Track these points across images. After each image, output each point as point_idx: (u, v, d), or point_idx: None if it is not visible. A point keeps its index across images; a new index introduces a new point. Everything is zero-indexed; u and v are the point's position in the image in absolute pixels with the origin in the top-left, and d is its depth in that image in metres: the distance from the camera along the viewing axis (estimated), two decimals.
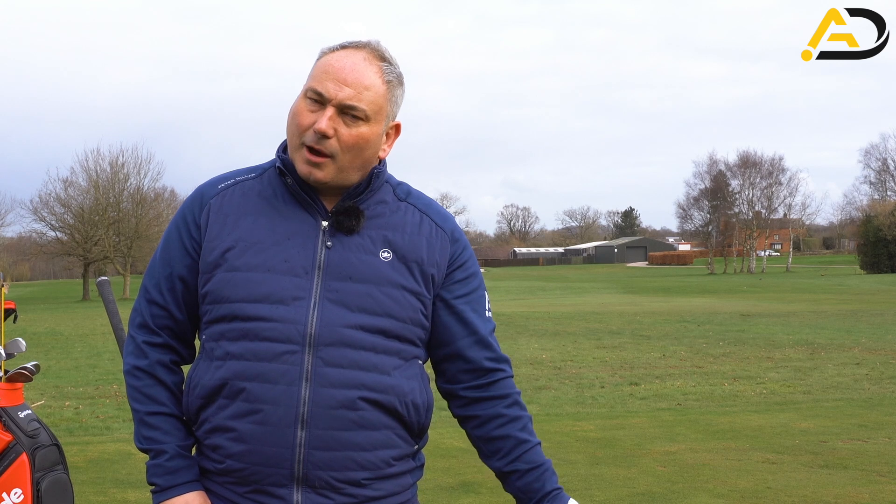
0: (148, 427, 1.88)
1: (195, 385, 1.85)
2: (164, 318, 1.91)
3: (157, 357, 1.90)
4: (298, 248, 1.84)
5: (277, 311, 1.79)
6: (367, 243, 1.87)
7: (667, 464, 6.76)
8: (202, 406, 1.85)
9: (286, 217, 1.87)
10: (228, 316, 1.82)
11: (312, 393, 1.77)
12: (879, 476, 6.31)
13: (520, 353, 15.15)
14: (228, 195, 1.90)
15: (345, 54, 1.84)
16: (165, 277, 1.91)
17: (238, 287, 1.81)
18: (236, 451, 1.80)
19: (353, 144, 1.82)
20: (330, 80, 1.81)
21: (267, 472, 1.79)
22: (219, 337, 1.83)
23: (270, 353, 1.78)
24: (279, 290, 1.81)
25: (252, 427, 1.78)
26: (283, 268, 1.82)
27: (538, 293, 41.50)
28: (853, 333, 17.65)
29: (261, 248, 1.84)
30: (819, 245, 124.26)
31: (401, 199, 1.95)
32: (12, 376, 3.57)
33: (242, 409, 1.79)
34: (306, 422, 1.77)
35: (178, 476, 1.85)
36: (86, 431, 8.55)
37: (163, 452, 1.85)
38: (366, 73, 1.83)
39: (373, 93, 1.83)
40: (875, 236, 69.87)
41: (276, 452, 1.77)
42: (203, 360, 1.86)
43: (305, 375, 1.78)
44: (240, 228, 1.86)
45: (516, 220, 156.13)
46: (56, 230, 55.18)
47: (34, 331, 22.03)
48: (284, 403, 1.77)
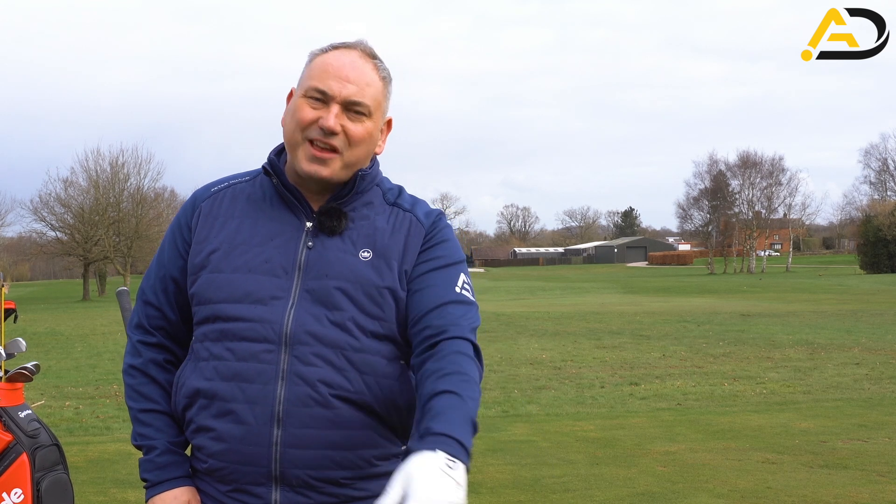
0: (141, 424, 1.91)
1: (181, 385, 1.88)
2: (159, 319, 1.95)
3: (150, 356, 1.94)
4: (280, 249, 1.85)
5: (255, 310, 1.81)
6: (347, 244, 1.87)
7: (667, 464, 6.76)
8: (186, 406, 1.87)
9: (271, 219, 1.89)
10: (211, 317, 1.84)
11: (287, 391, 1.78)
12: (879, 476, 6.31)
13: (520, 353, 15.15)
14: (219, 198, 1.94)
15: (340, 54, 1.87)
16: (160, 279, 1.95)
17: (220, 288, 1.84)
18: (216, 451, 1.82)
19: (360, 139, 1.85)
20: (332, 79, 1.83)
21: (245, 470, 1.80)
22: (203, 338, 1.86)
23: (248, 353, 1.80)
24: (258, 289, 1.82)
25: (230, 426, 1.80)
26: (263, 268, 1.84)
27: (538, 293, 41.49)
28: (853, 333, 17.64)
29: (243, 249, 1.86)
30: (819, 245, 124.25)
31: (389, 203, 1.95)
32: (12, 376, 3.57)
33: (221, 409, 1.81)
34: (282, 420, 1.78)
35: (167, 471, 1.87)
36: (86, 431, 8.55)
37: (153, 448, 1.89)
38: (365, 71, 1.86)
39: (373, 89, 1.86)
40: (875, 236, 69.85)
41: (254, 451, 1.79)
42: (190, 361, 1.89)
43: (281, 374, 1.78)
44: (225, 231, 1.89)
45: (516, 220, 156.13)
46: (56, 230, 55.16)
47: (34, 331, 22.03)
48: (261, 402, 1.78)
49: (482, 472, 6.49)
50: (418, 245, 1.89)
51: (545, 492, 5.99)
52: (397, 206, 1.94)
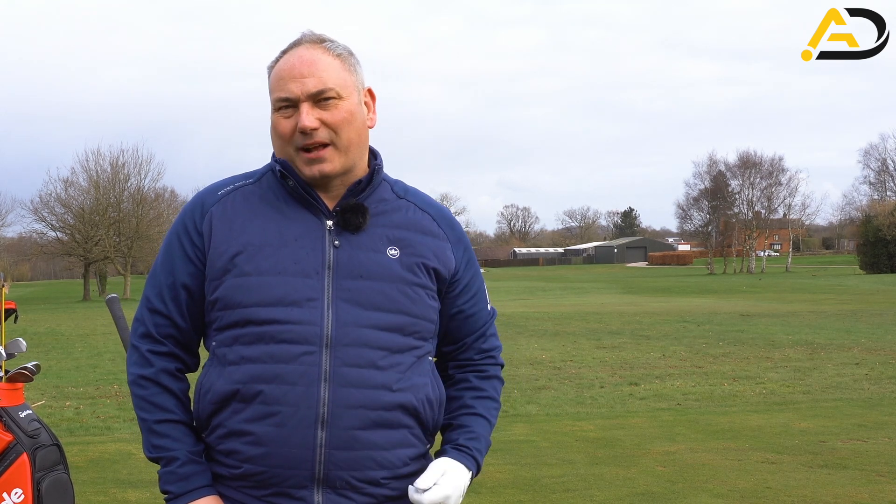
0: (157, 435, 1.87)
1: (206, 391, 1.85)
2: (168, 327, 1.91)
3: (162, 365, 1.90)
4: (307, 249, 1.85)
5: (292, 312, 1.80)
6: (374, 241, 1.88)
7: (666, 464, 6.77)
8: (215, 411, 1.84)
9: (291, 219, 1.88)
10: (242, 321, 1.82)
11: (332, 393, 1.78)
12: (879, 476, 6.31)
13: (520, 353, 15.15)
14: (230, 201, 1.91)
15: (289, 56, 1.88)
16: (168, 286, 1.90)
17: (251, 291, 1.82)
18: (254, 455, 1.80)
19: (340, 121, 1.85)
20: (289, 82, 1.84)
21: (287, 474, 1.79)
22: (232, 342, 1.83)
23: (288, 355, 1.79)
24: (292, 292, 1.81)
25: (271, 429, 1.78)
26: (293, 270, 1.83)
27: (538, 293, 41.48)
28: (853, 333, 17.64)
29: (270, 251, 1.84)
30: (819, 245, 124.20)
31: (400, 197, 1.97)
32: (13, 376, 3.58)
33: (260, 412, 1.79)
34: (326, 422, 1.78)
35: (191, 482, 1.84)
36: (86, 431, 8.55)
37: (174, 459, 1.85)
38: (316, 59, 1.86)
39: (331, 71, 1.86)
40: (875, 236, 69.77)
41: (297, 454, 1.78)
42: (214, 365, 1.86)
43: (324, 376, 1.79)
44: (247, 233, 1.86)
45: (516, 221, 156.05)
46: (56, 230, 55.12)
47: (34, 331, 22.03)
48: (304, 404, 1.78)
49: (482, 472, 6.50)
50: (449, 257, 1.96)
51: (545, 492, 5.99)
52: (408, 200, 1.97)
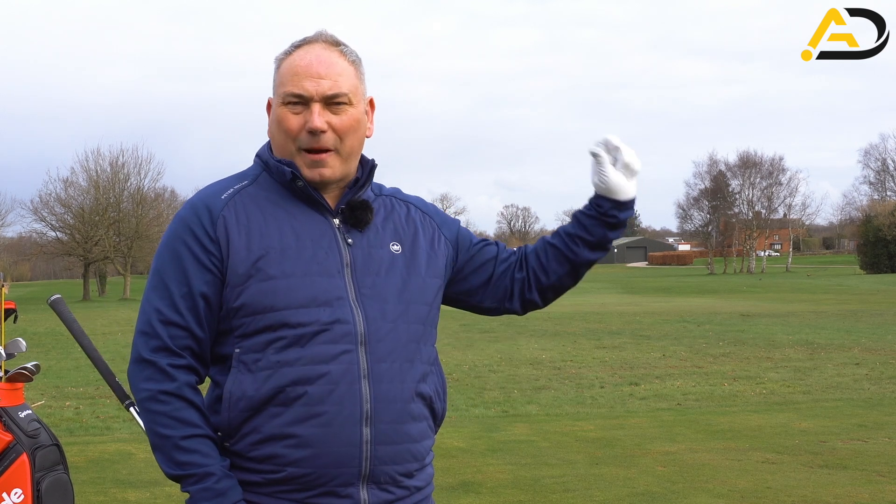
0: (184, 451, 1.79)
1: (239, 398, 1.81)
2: (185, 339, 1.84)
3: (185, 379, 1.83)
4: (325, 249, 1.86)
5: (325, 313, 1.81)
6: (379, 237, 1.93)
7: (667, 464, 6.77)
8: (247, 419, 1.81)
9: (302, 219, 1.88)
10: (275, 325, 1.79)
11: (374, 390, 1.81)
12: (879, 476, 6.31)
13: (520, 353, 15.16)
14: (238, 204, 1.87)
15: (304, 51, 1.87)
16: (183, 296, 1.83)
17: (280, 295, 1.80)
18: (300, 457, 1.78)
19: (348, 129, 1.87)
20: (304, 79, 1.84)
21: (335, 472, 1.79)
22: (264, 347, 1.80)
23: (327, 356, 1.79)
24: (322, 292, 1.82)
25: (316, 430, 1.78)
26: (317, 270, 1.83)
27: None
28: (853, 333, 17.64)
29: (292, 253, 1.84)
30: (819, 245, 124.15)
31: (378, 195, 2.01)
32: (13, 376, 3.57)
33: (303, 414, 1.77)
34: (371, 418, 1.80)
35: (229, 497, 1.79)
36: (86, 431, 8.55)
37: (210, 475, 1.78)
38: (333, 61, 1.87)
39: (347, 76, 1.87)
40: (875, 236, 69.75)
41: (345, 452, 1.79)
42: (241, 372, 1.81)
43: (363, 373, 1.80)
44: (266, 236, 1.84)
45: (516, 221, 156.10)
46: (56, 230, 55.08)
47: (34, 331, 21.99)
48: (349, 402, 1.79)
49: (482, 472, 6.50)
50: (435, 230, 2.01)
51: (545, 492, 5.99)
52: (388, 196, 2.03)
